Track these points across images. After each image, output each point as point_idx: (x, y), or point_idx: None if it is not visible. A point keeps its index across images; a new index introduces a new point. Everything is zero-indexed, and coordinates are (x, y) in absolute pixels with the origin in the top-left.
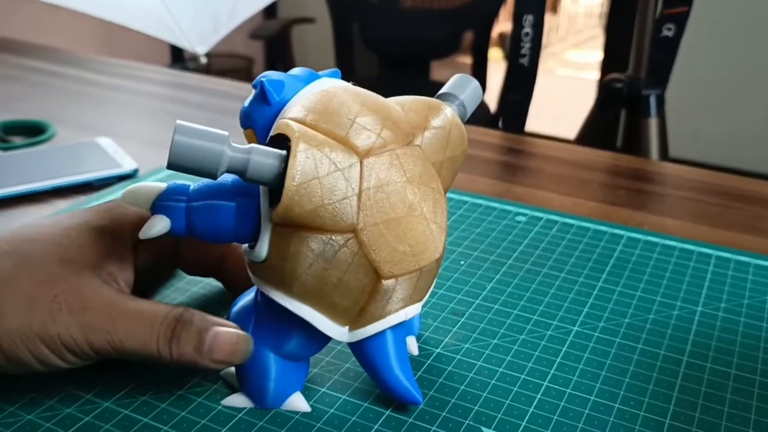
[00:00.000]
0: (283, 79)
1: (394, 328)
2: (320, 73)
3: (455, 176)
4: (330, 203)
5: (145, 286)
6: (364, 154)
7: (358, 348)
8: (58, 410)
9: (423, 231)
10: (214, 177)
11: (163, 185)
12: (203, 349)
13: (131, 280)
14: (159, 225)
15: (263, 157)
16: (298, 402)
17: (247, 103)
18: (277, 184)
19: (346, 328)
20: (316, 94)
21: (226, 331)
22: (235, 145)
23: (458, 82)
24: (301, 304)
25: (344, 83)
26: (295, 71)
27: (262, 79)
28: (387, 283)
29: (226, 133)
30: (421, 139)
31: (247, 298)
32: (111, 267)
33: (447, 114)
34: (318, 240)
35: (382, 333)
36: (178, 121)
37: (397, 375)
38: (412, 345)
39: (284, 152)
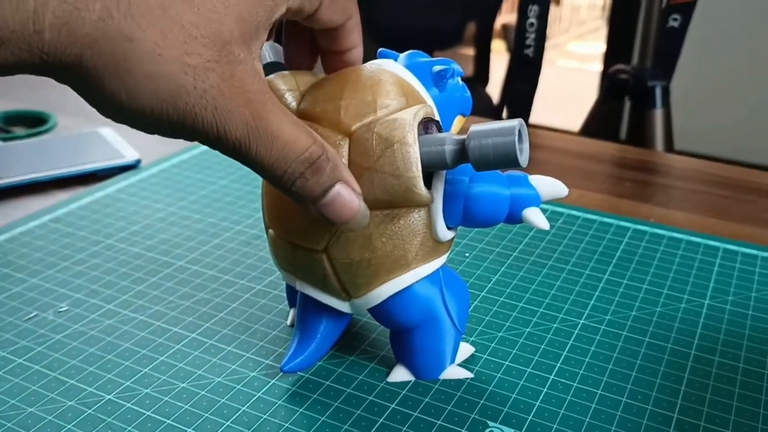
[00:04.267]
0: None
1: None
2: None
3: (392, 197)
4: None
5: None
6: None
7: None
8: (100, 396)
9: (293, 208)
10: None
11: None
12: (319, 201)
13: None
14: None
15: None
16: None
17: None
18: None
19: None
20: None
21: (349, 194)
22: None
23: (492, 128)
24: None
25: (395, 67)
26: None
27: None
28: (270, 230)
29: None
30: (359, 134)
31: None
32: (258, 44)
33: (399, 129)
34: None
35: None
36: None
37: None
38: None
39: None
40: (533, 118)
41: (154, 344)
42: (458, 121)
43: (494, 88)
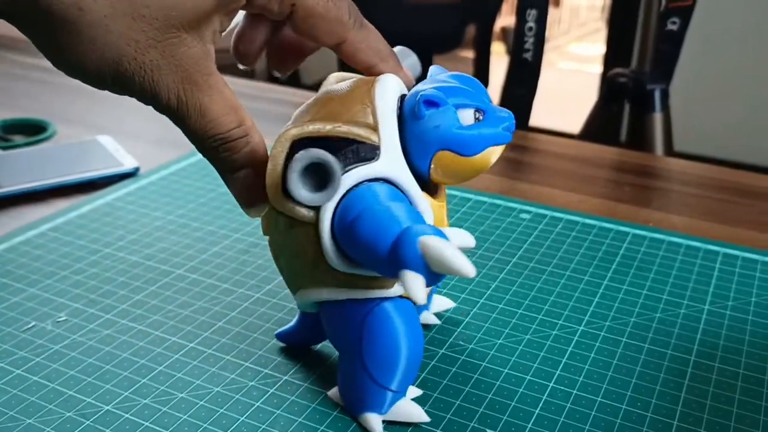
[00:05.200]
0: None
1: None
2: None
3: (275, 206)
4: None
5: None
6: None
7: None
8: (98, 407)
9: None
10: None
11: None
12: (228, 175)
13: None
14: None
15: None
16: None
17: None
18: None
19: None
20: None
21: (254, 184)
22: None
23: (304, 153)
24: None
25: (386, 86)
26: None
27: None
28: None
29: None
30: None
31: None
32: (209, 29)
33: (276, 141)
34: None
35: None
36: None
37: None
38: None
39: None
40: (533, 121)
41: (153, 354)
42: (445, 157)
43: (494, 92)
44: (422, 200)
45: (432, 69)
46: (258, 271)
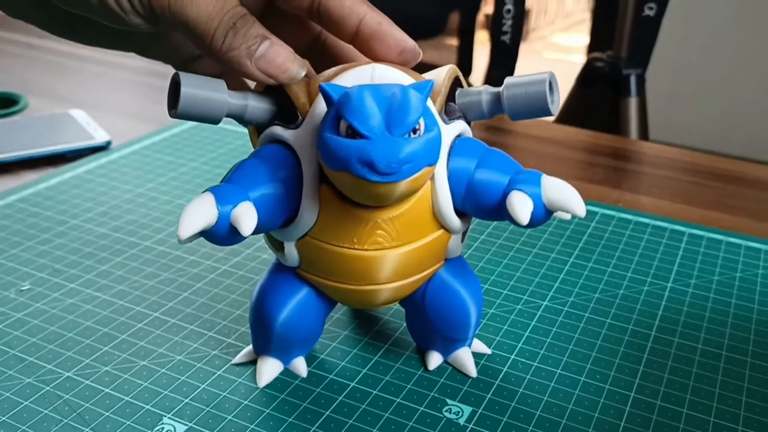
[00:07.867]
0: None
1: None
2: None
3: None
4: None
5: None
6: None
7: None
8: (58, 374)
9: None
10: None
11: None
12: (254, 53)
13: None
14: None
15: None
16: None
17: None
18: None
19: None
20: None
21: (282, 45)
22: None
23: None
24: None
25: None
26: None
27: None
28: None
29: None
30: None
31: None
32: None
33: None
34: None
35: None
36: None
37: None
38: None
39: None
40: None
41: (116, 323)
42: (319, 156)
43: (477, 78)
44: (312, 188)
45: (429, 76)
46: None
